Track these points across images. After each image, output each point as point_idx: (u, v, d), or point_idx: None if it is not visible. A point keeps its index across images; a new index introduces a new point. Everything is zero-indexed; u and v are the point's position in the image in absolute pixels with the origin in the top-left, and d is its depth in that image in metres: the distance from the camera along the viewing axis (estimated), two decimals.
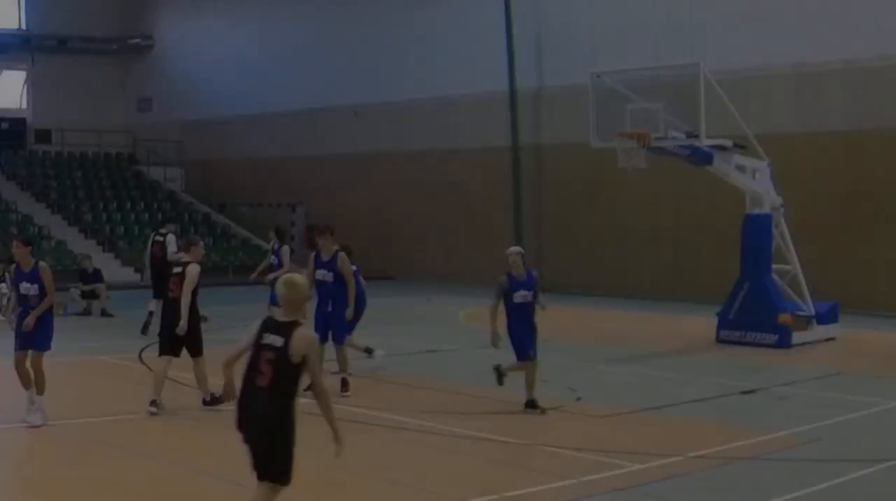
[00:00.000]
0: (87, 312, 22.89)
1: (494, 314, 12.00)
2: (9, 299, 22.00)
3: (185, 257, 12.76)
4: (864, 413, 12.47)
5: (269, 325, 6.91)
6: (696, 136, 17.77)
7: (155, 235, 20.03)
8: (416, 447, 10.67)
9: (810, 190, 23.48)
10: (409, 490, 9.08)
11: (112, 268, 30.63)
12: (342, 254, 13.27)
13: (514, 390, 13.49)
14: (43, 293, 11.24)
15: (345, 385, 13.18)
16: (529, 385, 12.18)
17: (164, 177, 40.83)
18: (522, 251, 12.57)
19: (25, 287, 11.30)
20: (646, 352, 17.83)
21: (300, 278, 7.28)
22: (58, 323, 22.12)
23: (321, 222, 13.57)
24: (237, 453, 10.36)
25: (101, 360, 16.13)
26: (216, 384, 12.66)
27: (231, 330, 20.44)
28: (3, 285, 22.22)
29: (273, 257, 18.04)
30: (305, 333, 6.89)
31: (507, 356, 12.36)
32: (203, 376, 12.27)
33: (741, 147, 18.85)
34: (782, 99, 25.36)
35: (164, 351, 12.39)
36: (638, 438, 11.09)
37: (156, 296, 19.20)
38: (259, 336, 6.91)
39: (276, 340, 6.82)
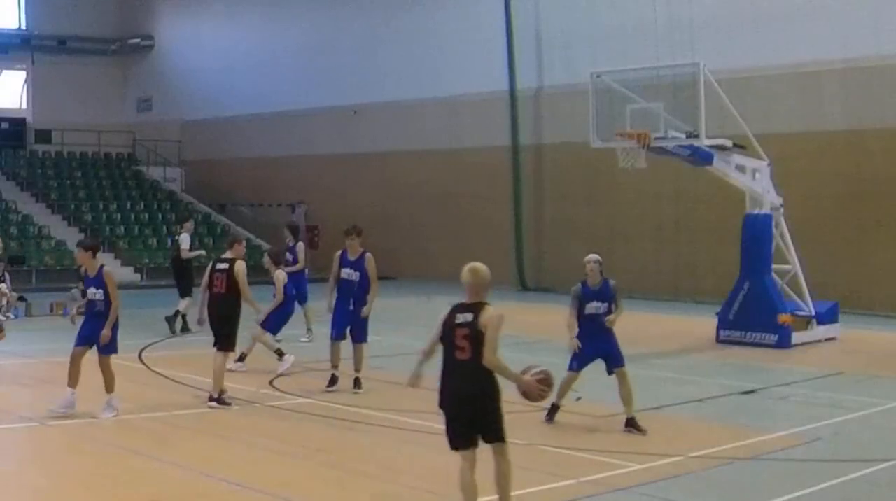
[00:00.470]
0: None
1: (571, 324, 11.52)
2: (8, 299, 22.14)
3: (228, 254, 13.20)
4: (864, 413, 12.46)
5: (460, 308, 7.74)
6: (696, 136, 17.77)
7: (174, 235, 20.36)
8: (416, 447, 10.67)
9: (810, 190, 23.46)
10: (410, 490, 9.08)
11: (112, 268, 30.49)
12: (369, 255, 13.57)
13: (511, 389, 13.49)
14: (108, 297, 11.57)
15: (357, 383, 13.43)
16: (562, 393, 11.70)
17: (164, 177, 40.81)
18: (601, 259, 11.94)
19: (92, 292, 11.68)
20: (646, 352, 17.79)
21: (481, 265, 7.86)
22: (58, 323, 22.25)
23: (348, 223, 13.95)
24: (237, 453, 10.39)
25: None
26: (232, 387, 12.71)
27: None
28: (3, 285, 22.25)
29: (288, 255, 18.06)
30: (491, 310, 7.63)
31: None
32: (221, 372, 12.49)
33: (741, 147, 18.85)
34: (782, 99, 25.33)
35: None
36: (638, 438, 11.09)
37: (181, 295, 19.75)
38: (451, 317, 7.69)
39: (466, 317, 7.62)
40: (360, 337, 13.47)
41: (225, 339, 12.59)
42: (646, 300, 26.21)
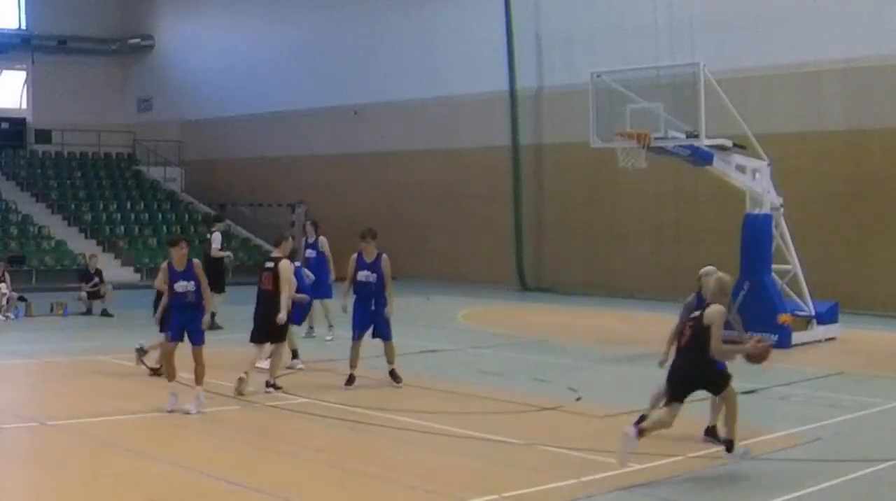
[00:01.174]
0: (88, 312, 22.88)
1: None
2: (8, 299, 22.14)
3: (275, 253, 13.74)
4: (864, 413, 12.46)
5: (696, 305, 10.19)
6: (696, 136, 17.76)
7: (207, 233, 20.97)
8: (416, 447, 10.67)
9: (810, 190, 23.46)
10: (409, 490, 9.08)
11: (112, 268, 30.62)
12: (385, 257, 13.90)
13: (511, 389, 13.50)
14: (199, 288, 12.02)
15: (395, 376, 13.84)
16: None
17: (164, 177, 40.82)
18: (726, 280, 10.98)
19: (182, 285, 12.02)
20: (646, 352, 17.76)
21: (728, 277, 10.13)
22: (58, 322, 22.26)
23: (364, 226, 14.20)
24: (237, 453, 10.39)
25: (101, 360, 16.11)
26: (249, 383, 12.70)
27: (233, 330, 20.52)
28: (3, 285, 22.25)
29: (310, 250, 18.05)
30: (716, 308, 9.69)
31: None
32: (278, 364, 13.47)
33: (741, 147, 18.84)
34: (782, 99, 25.34)
35: (254, 339, 13.54)
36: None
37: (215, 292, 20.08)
38: (689, 312, 10.20)
39: (695, 314, 9.87)
40: (387, 334, 13.85)
41: (276, 335, 13.34)
42: (646, 300, 26.24)
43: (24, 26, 41.47)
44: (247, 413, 12.25)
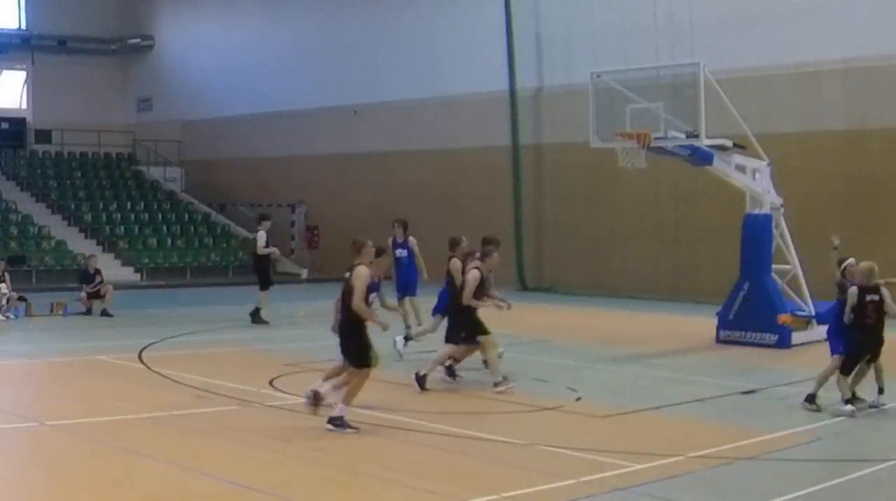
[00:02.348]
0: (88, 312, 22.88)
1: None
2: (8, 299, 22.14)
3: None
4: (864, 413, 12.46)
5: (867, 290, 12.42)
6: (696, 136, 17.76)
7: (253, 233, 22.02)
8: (416, 447, 10.67)
9: (810, 190, 23.46)
10: (410, 490, 9.08)
11: (112, 268, 30.64)
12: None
13: (511, 389, 13.49)
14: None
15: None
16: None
17: (164, 177, 40.83)
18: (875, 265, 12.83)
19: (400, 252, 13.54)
20: (646, 352, 17.83)
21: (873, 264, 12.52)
22: (58, 322, 22.25)
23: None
24: (237, 453, 10.39)
25: (101, 360, 16.12)
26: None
27: (233, 330, 20.55)
28: (3, 285, 22.24)
29: (401, 250, 17.90)
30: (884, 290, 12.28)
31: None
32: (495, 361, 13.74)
33: (741, 147, 18.84)
34: (782, 99, 25.34)
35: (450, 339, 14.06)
36: (638, 438, 11.09)
37: (261, 289, 21.26)
38: (862, 297, 12.34)
39: (873, 297, 12.36)
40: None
41: (474, 329, 13.80)
42: (646, 300, 26.25)
43: (24, 26, 41.46)
44: (247, 413, 12.25)
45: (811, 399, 12.40)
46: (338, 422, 11.02)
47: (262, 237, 21.25)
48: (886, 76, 23.82)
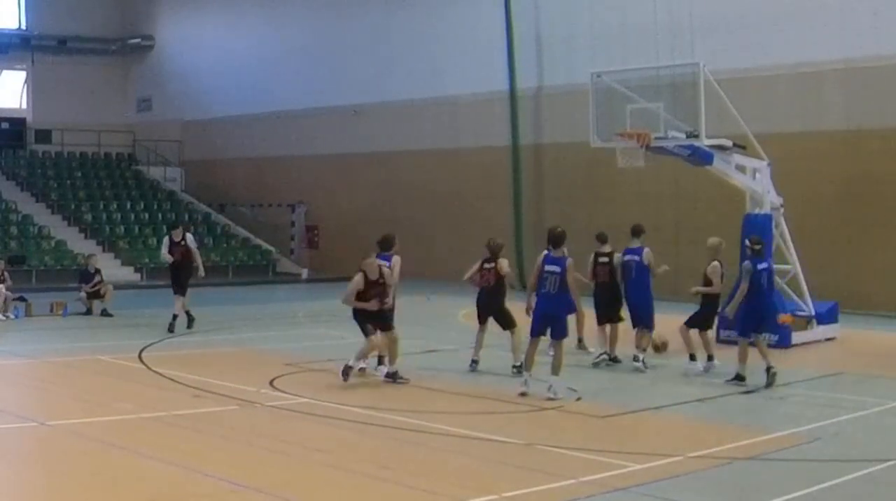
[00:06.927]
0: (88, 312, 22.88)
1: None
2: (6, 299, 22.13)
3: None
4: (864, 413, 12.46)
5: None
6: (696, 136, 17.77)
7: None
8: (416, 447, 10.67)
9: (810, 190, 23.45)
10: (410, 490, 9.08)
11: (112, 268, 30.64)
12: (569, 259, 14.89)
13: (511, 389, 13.49)
14: (564, 274, 13.77)
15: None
16: None
17: (164, 177, 40.86)
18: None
19: (551, 268, 13.83)
20: (646, 352, 17.79)
21: None
22: (58, 322, 22.24)
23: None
24: (237, 453, 10.39)
25: (101, 360, 16.11)
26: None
27: (233, 330, 20.55)
28: (3, 285, 22.24)
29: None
30: None
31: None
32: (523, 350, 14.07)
33: (741, 147, 18.84)
34: (782, 99, 25.33)
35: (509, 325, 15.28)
36: (638, 438, 11.09)
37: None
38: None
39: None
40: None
41: (502, 318, 15.32)
42: None
43: (24, 26, 41.46)
44: (247, 413, 12.25)
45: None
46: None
47: (166, 244, 20.43)
48: (886, 76, 23.81)
